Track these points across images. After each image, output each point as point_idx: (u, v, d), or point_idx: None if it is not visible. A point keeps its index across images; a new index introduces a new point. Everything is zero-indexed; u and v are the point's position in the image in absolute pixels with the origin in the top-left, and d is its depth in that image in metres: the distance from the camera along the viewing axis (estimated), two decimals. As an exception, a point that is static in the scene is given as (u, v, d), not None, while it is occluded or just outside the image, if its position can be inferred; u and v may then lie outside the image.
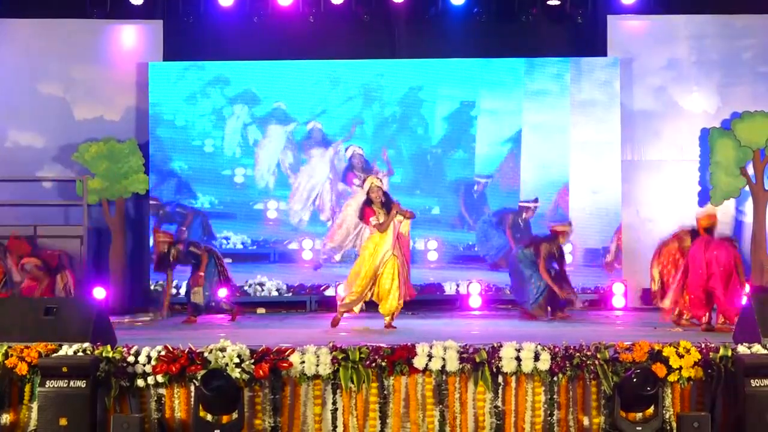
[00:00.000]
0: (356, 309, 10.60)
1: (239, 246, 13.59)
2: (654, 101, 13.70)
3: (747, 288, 12.22)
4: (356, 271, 10.59)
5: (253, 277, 13.30)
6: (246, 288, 13.18)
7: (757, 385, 7.39)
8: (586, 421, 7.68)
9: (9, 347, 7.84)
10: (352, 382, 7.64)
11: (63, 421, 7.42)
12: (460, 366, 7.63)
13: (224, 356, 7.60)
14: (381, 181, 10.99)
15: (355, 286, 10.52)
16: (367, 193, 10.65)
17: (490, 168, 13.64)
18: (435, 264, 13.43)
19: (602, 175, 13.50)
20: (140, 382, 7.68)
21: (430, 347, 7.68)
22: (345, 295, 10.67)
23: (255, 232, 13.66)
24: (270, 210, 13.68)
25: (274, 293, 13.27)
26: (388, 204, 10.59)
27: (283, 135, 13.69)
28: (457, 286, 13.22)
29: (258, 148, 13.66)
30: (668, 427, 7.53)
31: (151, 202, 13.48)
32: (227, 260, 12.32)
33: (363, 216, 10.69)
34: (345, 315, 10.71)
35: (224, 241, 13.53)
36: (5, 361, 7.77)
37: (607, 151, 13.49)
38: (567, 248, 13.35)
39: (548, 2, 13.54)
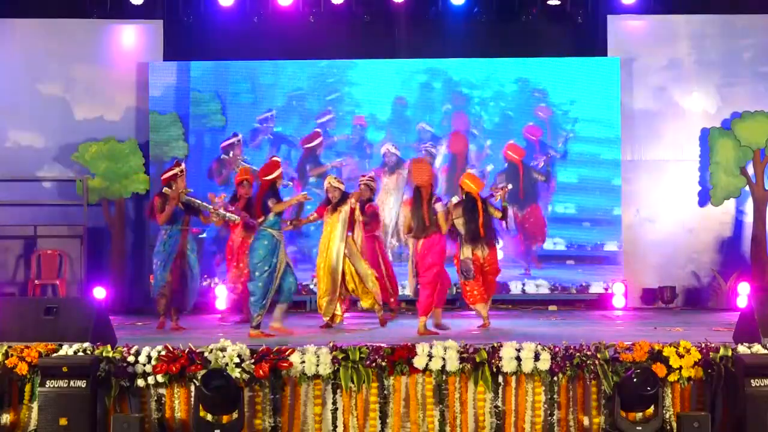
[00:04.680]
0: (338, 312, 10.32)
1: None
2: (654, 101, 13.70)
3: (748, 287, 12.26)
4: (318, 272, 10.45)
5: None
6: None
7: (757, 385, 7.39)
8: (586, 421, 7.68)
9: (9, 347, 7.84)
10: (352, 382, 7.64)
11: (63, 421, 7.42)
12: (460, 366, 7.62)
13: (224, 356, 7.60)
14: (339, 180, 10.53)
15: (318, 288, 10.38)
16: (326, 192, 10.41)
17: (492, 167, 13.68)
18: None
19: (603, 174, 13.47)
20: (140, 382, 7.68)
21: (430, 347, 7.67)
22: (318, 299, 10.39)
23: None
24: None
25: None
26: (342, 202, 10.29)
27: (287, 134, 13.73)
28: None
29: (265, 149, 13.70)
30: (668, 427, 7.53)
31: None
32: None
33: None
34: (347, 315, 10.71)
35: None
36: (5, 361, 7.77)
37: (607, 151, 13.48)
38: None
39: (548, 2, 13.54)
